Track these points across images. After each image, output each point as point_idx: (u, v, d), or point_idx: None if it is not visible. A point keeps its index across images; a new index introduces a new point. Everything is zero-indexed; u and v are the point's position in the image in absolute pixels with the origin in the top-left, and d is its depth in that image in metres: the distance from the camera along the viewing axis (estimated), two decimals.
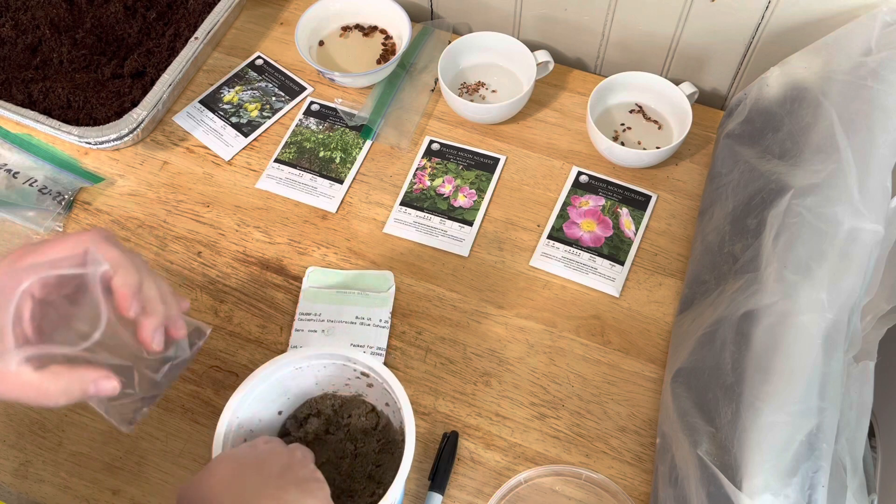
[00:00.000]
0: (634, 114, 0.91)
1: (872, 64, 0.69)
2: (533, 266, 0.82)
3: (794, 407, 0.56)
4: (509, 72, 0.94)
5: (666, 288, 0.81)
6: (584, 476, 0.70)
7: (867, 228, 0.62)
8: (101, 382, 0.49)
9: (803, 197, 0.66)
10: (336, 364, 0.66)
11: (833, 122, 0.68)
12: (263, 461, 0.56)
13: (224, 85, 0.95)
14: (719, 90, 0.94)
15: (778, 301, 0.62)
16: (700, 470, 0.60)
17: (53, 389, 0.47)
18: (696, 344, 0.69)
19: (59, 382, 0.48)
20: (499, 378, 0.76)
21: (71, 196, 0.86)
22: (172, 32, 0.95)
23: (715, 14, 0.84)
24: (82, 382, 0.48)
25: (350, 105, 0.93)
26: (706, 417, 0.62)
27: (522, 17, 0.95)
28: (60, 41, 0.93)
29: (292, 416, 0.70)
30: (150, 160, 0.90)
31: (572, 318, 0.79)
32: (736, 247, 0.71)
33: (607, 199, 0.85)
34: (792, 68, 0.77)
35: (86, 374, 0.49)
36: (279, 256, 0.83)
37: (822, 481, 0.54)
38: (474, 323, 0.79)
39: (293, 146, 0.90)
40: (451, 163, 0.89)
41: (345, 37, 0.98)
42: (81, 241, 0.50)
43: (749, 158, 0.76)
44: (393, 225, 0.85)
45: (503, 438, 0.73)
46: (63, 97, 0.88)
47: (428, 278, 0.82)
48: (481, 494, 0.70)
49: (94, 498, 0.71)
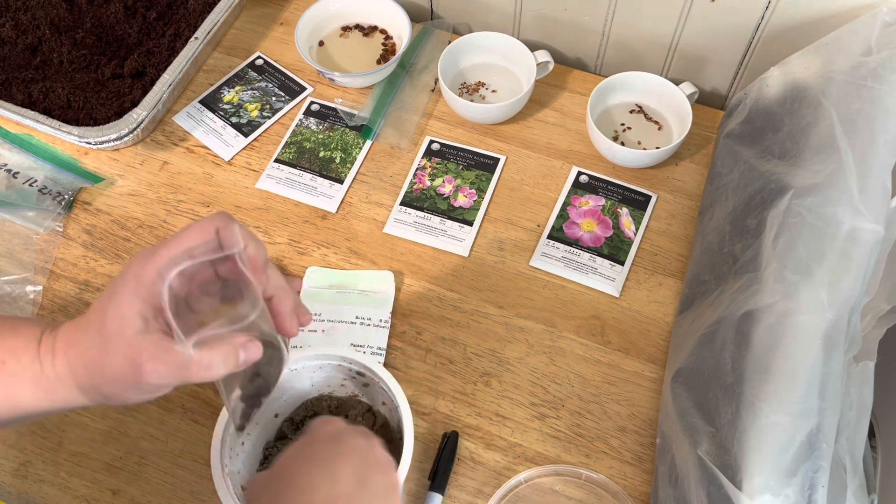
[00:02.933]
0: (634, 114, 0.91)
1: (872, 64, 0.69)
2: (533, 266, 0.82)
3: (794, 407, 0.56)
4: (509, 72, 0.94)
5: (666, 288, 0.81)
6: (584, 476, 0.70)
7: (867, 228, 0.62)
8: (249, 346, 0.50)
9: (803, 197, 0.66)
10: (331, 365, 0.66)
11: (833, 122, 0.68)
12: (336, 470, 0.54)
13: (224, 85, 0.95)
14: (719, 90, 0.94)
15: (778, 301, 0.62)
16: (700, 470, 0.60)
17: (214, 361, 0.48)
18: (696, 344, 0.69)
19: (217, 354, 0.48)
20: (499, 378, 0.76)
21: (71, 196, 0.86)
22: (172, 32, 0.95)
23: (715, 14, 0.84)
24: (234, 348, 0.49)
25: (350, 105, 0.93)
26: (706, 417, 0.62)
27: (522, 17, 0.95)
28: (60, 41, 0.93)
29: (289, 418, 0.70)
30: (150, 160, 0.90)
31: (572, 318, 0.79)
32: (736, 247, 0.71)
33: (607, 199, 0.85)
34: (792, 68, 0.77)
35: (235, 340, 0.50)
36: (279, 256, 0.83)
37: (822, 481, 0.54)
38: (474, 323, 0.79)
39: (293, 146, 0.90)
40: (451, 163, 0.89)
41: (345, 37, 0.98)
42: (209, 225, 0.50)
43: (749, 158, 0.76)
44: (393, 225, 0.85)
45: (503, 438, 0.73)
46: (63, 97, 0.88)
47: (428, 278, 0.82)
48: (481, 494, 0.70)
49: (94, 498, 0.71)
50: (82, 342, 0.49)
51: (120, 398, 0.50)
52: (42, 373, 0.50)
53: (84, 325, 0.50)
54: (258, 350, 0.51)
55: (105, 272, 0.82)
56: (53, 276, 0.82)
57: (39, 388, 0.50)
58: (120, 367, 0.47)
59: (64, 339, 0.50)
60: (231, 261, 0.51)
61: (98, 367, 0.48)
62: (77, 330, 0.50)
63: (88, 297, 0.81)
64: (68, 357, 0.49)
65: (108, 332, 0.48)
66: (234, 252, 0.50)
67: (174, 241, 0.50)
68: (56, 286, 0.81)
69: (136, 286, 0.48)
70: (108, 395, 0.49)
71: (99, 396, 0.50)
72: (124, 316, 0.47)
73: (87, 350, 0.49)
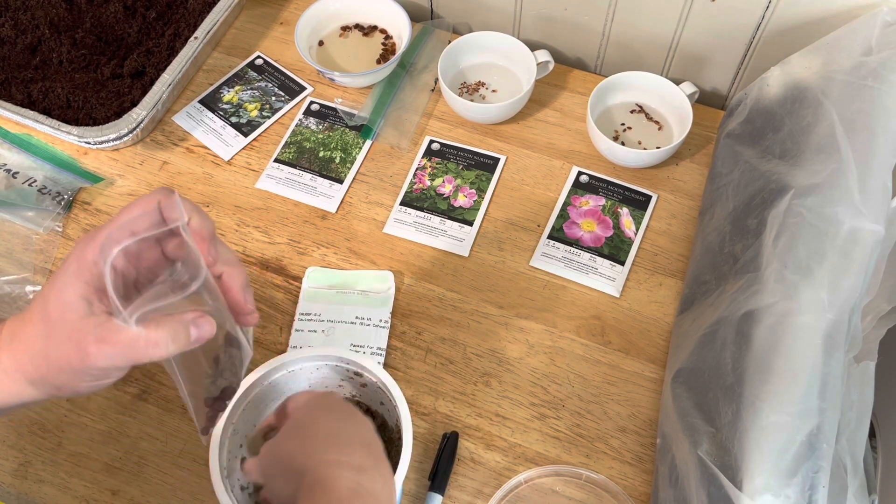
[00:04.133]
0: (635, 114, 0.91)
1: (873, 64, 0.69)
2: (533, 266, 0.82)
3: (795, 407, 0.56)
4: (509, 72, 0.94)
5: (666, 288, 0.81)
6: (584, 476, 0.70)
7: (867, 228, 0.62)
8: (200, 322, 0.48)
9: (804, 197, 0.65)
10: (329, 365, 0.66)
11: (833, 122, 0.68)
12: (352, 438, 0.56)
13: (224, 85, 0.95)
14: (719, 90, 0.94)
15: (778, 301, 0.62)
16: (700, 470, 0.60)
17: (162, 336, 0.46)
18: (696, 344, 0.69)
19: (164, 330, 0.47)
20: (499, 378, 0.76)
21: (70, 196, 0.86)
22: (172, 32, 0.95)
23: (715, 14, 0.84)
24: (184, 323, 0.47)
25: (350, 105, 0.93)
26: (706, 418, 0.62)
27: (522, 16, 0.95)
28: (60, 41, 0.93)
29: None
30: (149, 160, 0.89)
31: (572, 318, 0.79)
32: (736, 247, 0.71)
33: (607, 199, 0.85)
34: (792, 68, 0.77)
35: (185, 316, 0.48)
36: (279, 256, 0.83)
37: (823, 481, 0.54)
38: (474, 323, 0.79)
39: (293, 146, 0.90)
40: (451, 163, 0.88)
41: (344, 37, 0.98)
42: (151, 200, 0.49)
43: (749, 158, 0.76)
44: (393, 225, 0.85)
45: (503, 439, 0.73)
46: (63, 97, 0.88)
47: (428, 278, 0.81)
48: (481, 495, 0.70)
49: (94, 498, 0.70)
50: (25, 333, 0.48)
51: (70, 387, 0.48)
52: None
53: (28, 317, 0.48)
54: (211, 325, 0.49)
55: None
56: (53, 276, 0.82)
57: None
58: (65, 353, 0.46)
59: (7, 333, 0.49)
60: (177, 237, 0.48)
61: (44, 357, 0.47)
62: (20, 322, 0.48)
63: None
64: (12, 350, 0.48)
65: (51, 318, 0.46)
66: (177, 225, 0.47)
67: (114, 220, 0.48)
68: None
69: (77, 269, 0.46)
70: (58, 385, 0.48)
71: (49, 388, 0.48)
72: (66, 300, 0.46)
73: (31, 340, 0.47)
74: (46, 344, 0.47)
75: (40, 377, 0.48)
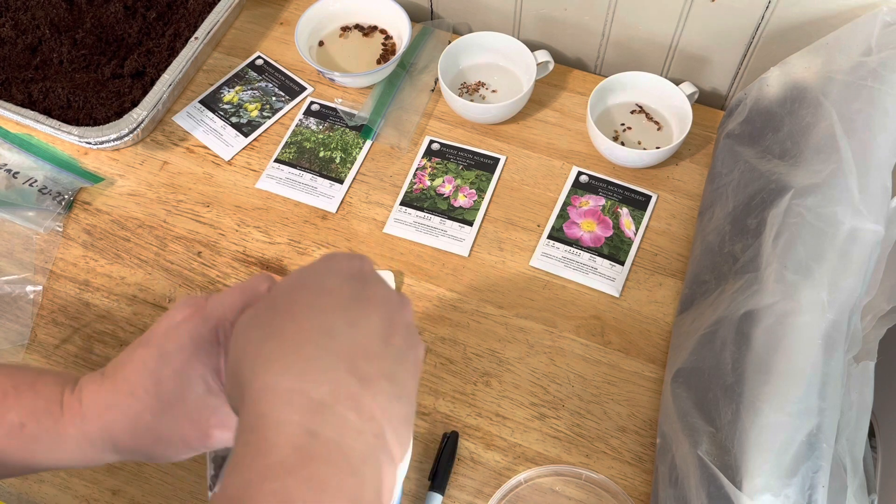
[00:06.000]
0: (635, 114, 0.91)
1: (872, 64, 0.69)
2: (533, 266, 0.82)
3: (795, 407, 0.56)
4: (509, 72, 0.94)
5: (666, 288, 0.81)
6: (584, 476, 0.70)
7: (867, 228, 0.62)
8: None
9: (803, 197, 0.66)
10: None
11: (833, 122, 0.68)
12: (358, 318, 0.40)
13: (224, 85, 0.95)
14: (719, 90, 0.94)
15: (778, 301, 0.62)
16: (700, 470, 0.60)
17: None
18: (696, 344, 0.69)
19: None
20: (499, 378, 0.76)
21: (71, 196, 0.86)
22: (172, 32, 0.95)
23: (715, 14, 0.84)
24: None
25: (350, 105, 0.93)
26: (706, 417, 0.62)
27: (522, 17, 0.95)
28: (60, 41, 0.93)
29: None
30: (149, 160, 0.90)
31: (572, 318, 0.79)
32: (736, 247, 0.71)
33: (607, 199, 0.85)
34: (792, 68, 0.77)
35: None
36: (279, 256, 0.83)
37: (823, 481, 0.54)
38: (474, 323, 0.79)
39: (293, 146, 0.90)
40: (451, 163, 0.88)
41: (344, 37, 0.98)
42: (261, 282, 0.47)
43: (749, 158, 0.76)
44: (393, 225, 0.85)
45: (503, 438, 0.73)
46: (63, 97, 0.88)
47: (428, 278, 0.82)
48: (481, 495, 0.70)
49: (94, 498, 0.71)
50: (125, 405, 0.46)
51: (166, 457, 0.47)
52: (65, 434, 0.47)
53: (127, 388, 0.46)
54: None
55: (105, 272, 0.82)
56: (53, 277, 0.82)
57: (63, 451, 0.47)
58: (181, 432, 0.45)
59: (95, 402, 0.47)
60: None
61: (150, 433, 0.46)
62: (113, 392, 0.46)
63: (88, 297, 0.81)
64: (104, 421, 0.46)
65: (167, 398, 0.45)
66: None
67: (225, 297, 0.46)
68: (56, 286, 0.81)
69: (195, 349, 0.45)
70: (153, 456, 0.47)
71: (139, 456, 0.47)
72: (186, 381, 0.45)
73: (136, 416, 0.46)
74: (158, 421, 0.45)
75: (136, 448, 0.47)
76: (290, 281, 0.43)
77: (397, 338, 0.41)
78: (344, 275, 0.43)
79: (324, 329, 0.39)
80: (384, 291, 0.43)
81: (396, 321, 0.42)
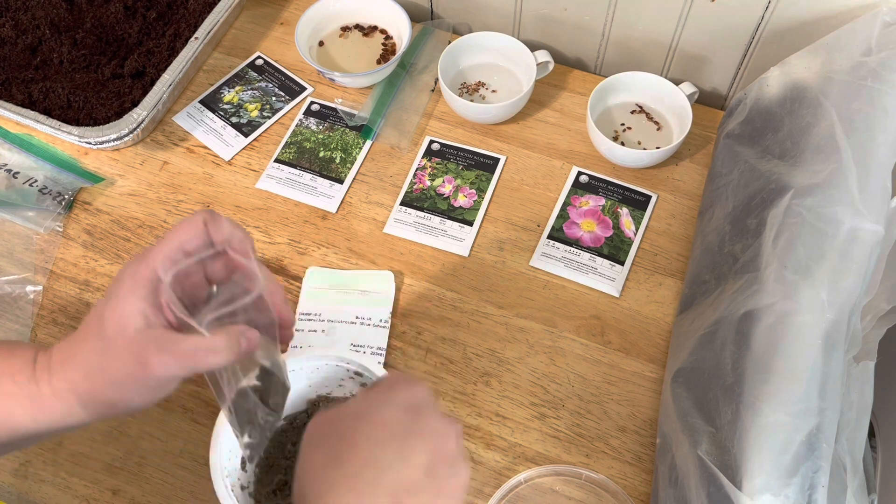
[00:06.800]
0: (635, 114, 0.91)
1: (872, 64, 0.69)
2: (533, 266, 0.82)
3: (794, 407, 0.57)
4: (509, 72, 0.94)
5: (666, 288, 0.81)
6: (584, 476, 0.70)
7: (867, 228, 0.62)
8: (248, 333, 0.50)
9: (803, 197, 0.66)
10: (329, 365, 0.66)
11: (833, 122, 0.68)
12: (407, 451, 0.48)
13: (224, 85, 0.95)
14: (719, 90, 0.94)
15: (778, 301, 0.62)
16: (700, 470, 0.60)
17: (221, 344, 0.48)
18: (696, 344, 0.69)
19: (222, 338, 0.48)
20: (499, 378, 0.76)
21: (71, 196, 0.86)
22: (172, 32, 0.95)
23: (715, 14, 0.84)
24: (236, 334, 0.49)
25: (350, 105, 0.93)
26: (706, 417, 0.62)
27: (522, 17, 0.95)
28: (60, 41, 0.93)
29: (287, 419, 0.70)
30: (150, 160, 0.90)
31: (572, 318, 0.79)
32: (736, 247, 0.71)
33: (607, 199, 0.85)
34: (792, 68, 0.77)
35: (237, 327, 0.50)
36: (279, 256, 0.83)
37: (822, 481, 0.54)
38: (474, 323, 0.79)
39: (293, 146, 0.90)
40: (451, 163, 0.89)
41: (345, 37, 0.98)
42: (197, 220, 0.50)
43: (749, 158, 0.76)
44: (393, 225, 0.85)
45: (503, 438, 0.73)
46: (63, 97, 0.88)
47: (428, 278, 0.82)
48: (481, 494, 0.70)
49: (94, 498, 0.71)
50: (80, 352, 0.49)
51: (124, 402, 0.49)
52: (39, 392, 0.49)
53: (80, 336, 0.50)
54: (256, 337, 0.50)
55: (105, 272, 0.82)
56: (53, 276, 0.82)
57: (36, 407, 0.49)
58: (125, 366, 0.47)
59: (60, 355, 0.50)
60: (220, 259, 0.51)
61: (100, 371, 0.48)
62: (73, 343, 0.50)
63: (88, 297, 0.81)
64: (66, 371, 0.49)
65: (109, 333, 0.48)
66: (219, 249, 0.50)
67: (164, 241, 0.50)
68: (56, 286, 0.81)
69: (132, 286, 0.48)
70: (112, 401, 0.49)
71: (101, 406, 0.49)
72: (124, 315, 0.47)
73: (86, 358, 0.49)
74: (104, 359, 0.48)
75: (94, 394, 0.49)
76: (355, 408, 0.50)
77: (442, 467, 0.48)
78: (401, 406, 0.50)
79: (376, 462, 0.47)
80: (435, 423, 0.50)
81: (442, 453, 0.49)
